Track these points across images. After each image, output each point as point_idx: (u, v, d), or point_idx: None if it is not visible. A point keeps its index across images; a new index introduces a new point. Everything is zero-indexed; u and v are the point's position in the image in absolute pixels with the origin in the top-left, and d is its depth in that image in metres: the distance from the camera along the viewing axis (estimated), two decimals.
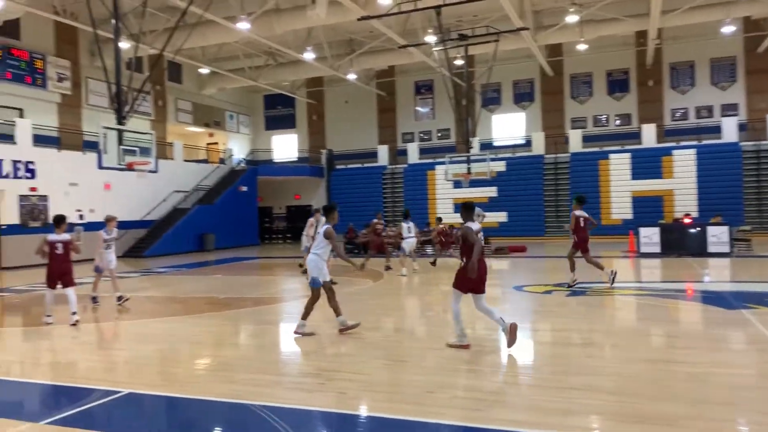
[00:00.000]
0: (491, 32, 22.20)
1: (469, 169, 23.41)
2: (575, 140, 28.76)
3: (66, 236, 9.46)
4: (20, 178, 20.78)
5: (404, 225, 15.28)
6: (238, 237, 28.51)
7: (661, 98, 29.54)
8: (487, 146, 29.81)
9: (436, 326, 8.67)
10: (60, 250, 9.29)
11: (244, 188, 30.07)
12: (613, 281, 11.21)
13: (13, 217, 20.60)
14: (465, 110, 24.35)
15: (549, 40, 26.32)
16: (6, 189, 20.31)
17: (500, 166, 28.11)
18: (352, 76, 29.93)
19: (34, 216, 21.23)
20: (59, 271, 9.32)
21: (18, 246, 20.53)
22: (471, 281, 6.76)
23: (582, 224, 11.77)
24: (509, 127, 32.10)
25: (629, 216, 26.33)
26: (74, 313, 9.31)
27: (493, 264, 17.67)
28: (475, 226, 7.04)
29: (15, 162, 20.61)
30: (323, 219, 8.32)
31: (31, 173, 21.14)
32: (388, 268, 15.84)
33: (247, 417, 4.89)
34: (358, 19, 20.27)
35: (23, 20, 22.84)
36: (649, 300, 10.27)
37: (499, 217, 27.84)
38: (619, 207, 26.90)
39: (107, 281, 11.55)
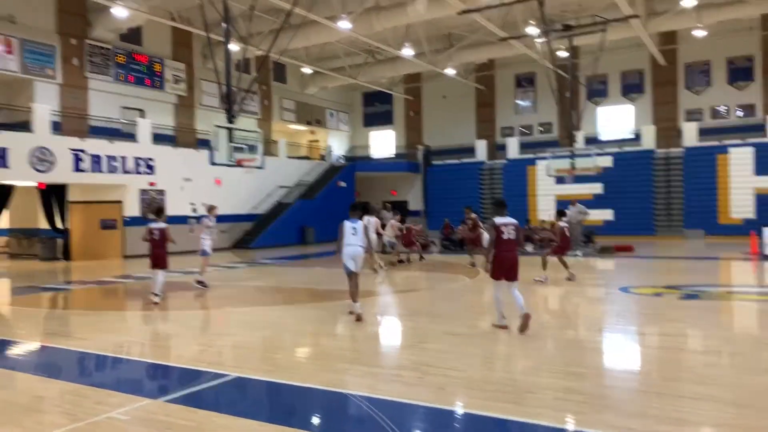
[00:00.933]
0: (598, 21, 21.22)
1: (572, 164, 22.52)
2: (690, 134, 26.88)
3: (162, 225, 10.80)
4: (141, 173, 22.47)
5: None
6: (337, 231, 29.17)
7: None
8: (592, 141, 28.57)
9: (535, 325, 8.42)
10: (157, 237, 10.66)
11: (343, 184, 30.75)
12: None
13: (134, 210, 22.32)
14: (569, 103, 23.44)
15: (661, 28, 24.72)
16: (129, 184, 22.04)
17: (606, 162, 26.82)
18: (450, 71, 29.73)
19: (153, 209, 22.88)
20: (154, 255, 10.66)
21: (139, 236, 22.21)
22: (500, 270, 7.64)
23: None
24: (616, 120, 30.57)
25: (751, 215, 24.27)
26: (156, 295, 10.49)
27: (598, 264, 16.94)
28: (504, 220, 7.63)
29: (137, 159, 22.31)
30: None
31: (151, 169, 22.79)
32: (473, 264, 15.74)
33: (346, 406, 4.99)
34: (459, 13, 20.10)
35: (144, 27, 24.66)
36: None
37: (605, 214, 26.63)
38: (740, 205, 24.85)
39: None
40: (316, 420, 4.90)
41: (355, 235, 8.94)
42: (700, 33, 25.25)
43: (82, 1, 21.43)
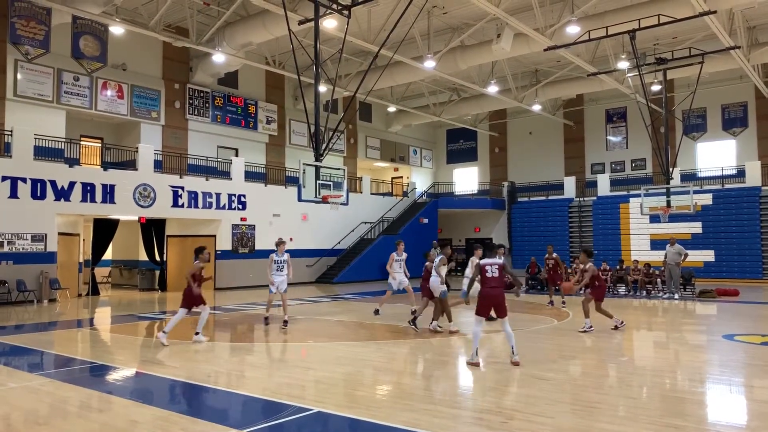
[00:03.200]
0: (695, 54, 20.35)
1: (668, 202, 21.39)
2: None
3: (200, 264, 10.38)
4: (233, 209, 23.53)
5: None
6: (417, 267, 29.10)
7: None
8: (689, 177, 27.11)
9: (627, 372, 7.93)
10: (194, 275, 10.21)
11: (425, 220, 30.75)
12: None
13: (226, 244, 23.32)
14: (664, 138, 22.43)
15: (766, 59, 23.34)
16: (222, 219, 23.11)
17: (706, 199, 25.33)
18: (537, 107, 29.37)
19: (244, 243, 23.82)
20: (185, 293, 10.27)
21: (230, 269, 23.16)
22: (483, 308, 8.22)
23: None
24: (716, 156, 28.88)
25: None
26: (197, 333, 10.40)
27: (698, 308, 15.84)
28: (488, 261, 8.22)
29: (230, 195, 23.41)
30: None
31: (243, 205, 23.83)
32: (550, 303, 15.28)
33: None
34: (545, 50, 19.92)
35: (240, 71, 26.17)
36: None
37: (705, 255, 25.00)
38: None
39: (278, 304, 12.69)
40: None
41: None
42: None
43: (186, 49, 23.09)
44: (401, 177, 36.39)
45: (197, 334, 10.49)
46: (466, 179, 37.22)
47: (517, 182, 33.77)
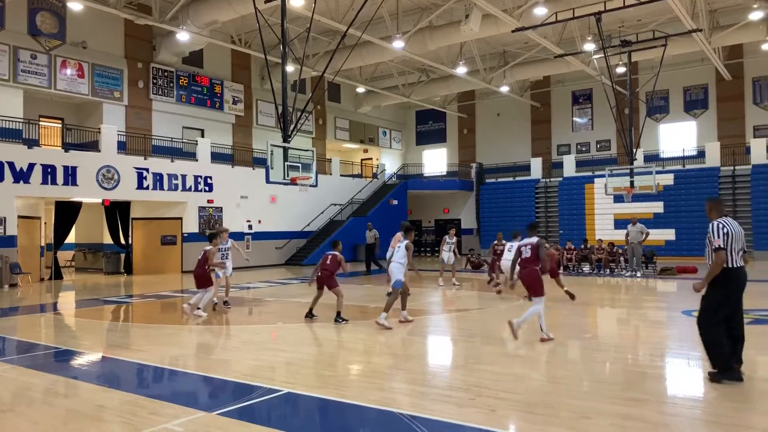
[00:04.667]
0: (658, 36, 20.69)
1: (632, 182, 21.88)
2: (758, 150, 25.68)
3: (208, 247, 11.57)
4: (200, 191, 23.19)
5: (508, 244, 13.90)
6: (387, 248, 29.23)
7: None
8: (652, 158, 27.71)
9: (591, 349, 8.15)
10: (200, 256, 11.55)
11: (395, 202, 30.84)
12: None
13: (193, 226, 23.02)
14: (628, 120, 22.85)
15: (726, 42, 23.88)
16: (188, 201, 22.78)
17: (668, 180, 25.96)
18: (504, 89, 29.54)
19: (211, 225, 23.54)
20: (195, 274, 11.54)
21: (196, 252, 22.86)
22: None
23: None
24: (678, 137, 29.57)
25: None
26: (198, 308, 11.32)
27: (659, 285, 16.30)
28: (527, 241, 8.61)
29: (196, 177, 23.05)
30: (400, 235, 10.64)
31: (209, 187, 23.50)
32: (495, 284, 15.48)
33: (395, 425, 4.93)
34: (513, 31, 20.01)
35: (205, 50, 25.63)
36: None
37: (666, 234, 25.69)
38: None
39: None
40: None
41: (397, 251, 10.22)
42: None
43: (149, 27, 22.51)
44: (371, 158, 36.32)
45: (199, 308, 11.35)
46: (436, 161, 37.35)
47: (485, 163, 34.03)
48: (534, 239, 8.55)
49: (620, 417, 5.02)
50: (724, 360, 5.98)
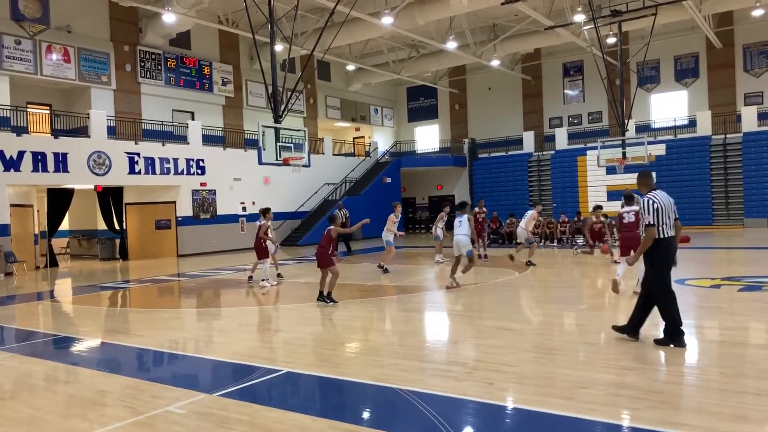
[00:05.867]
0: (648, 5, 20.55)
1: (624, 153, 21.93)
2: (749, 118, 25.74)
3: (260, 222, 12.99)
4: (192, 174, 23.10)
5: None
6: (383, 227, 29.31)
7: None
8: (644, 128, 27.73)
9: (587, 320, 8.25)
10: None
11: (388, 179, 30.82)
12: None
13: (187, 210, 22.98)
14: (619, 91, 22.81)
15: (717, 9, 23.74)
16: (181, 184, 22.69)
17: (659, 150, 26.02)
18: (495, 62, 29.36)
19: (205, 208, 23.51)
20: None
21: (191, 236, 22.91)
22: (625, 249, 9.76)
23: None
24: (670, 107, 29.55)
25: None
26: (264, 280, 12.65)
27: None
28: (626, 209, 9.85)
29: (188, 160, 22.94)
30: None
31: (202, 170, 23.40)
32: (484, 257, 15.87)
33: (395, 400, 5.01)
34: (502, 4, 19.85)
35: (193, 31, 25.30)
36: None
37: None
38: None
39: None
40: (365, 414, 4.94)
41: (460, 226, 10.92)
42: (758, 12, 24.14)
43: (134, 9, 22.17)
44: (363, 137, 36.18)
45: (264, 280, 12.69)
46: (428, 137, 37.25)
47: (478, 138, 33.98)
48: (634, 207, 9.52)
49: (615, 386, 5.11)
50: (677, 328, 6.25)
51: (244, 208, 24.80)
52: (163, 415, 4.87)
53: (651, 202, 6.30)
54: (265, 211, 13.26)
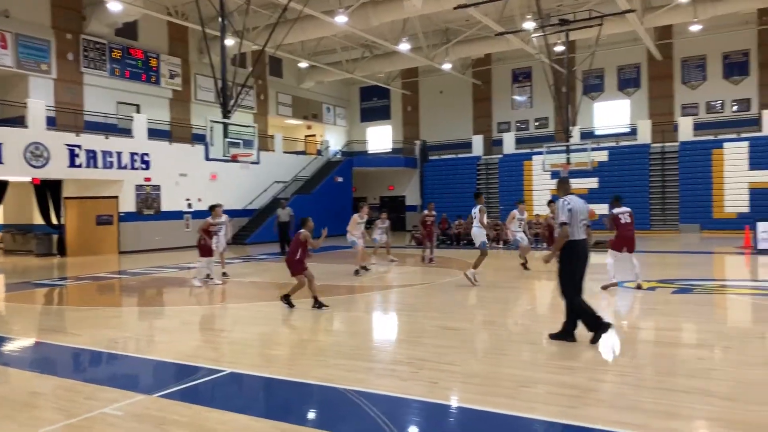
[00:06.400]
0: (594, 16, 21.22)
1: (568, 159, 22.57)
2: (686, 128, 26.95)
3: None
4: (136, 169, 22.41)
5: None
6: (334, 226, 29.13)
7: None
8: (588, 135, 28.59)
9: (532, 320, 8.45)
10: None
11: (340, 179, 30.74)
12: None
13: (130, 206, 22.28)
14: (565, 98, 23.47)
15: (658, 22, 24.76)
16: (124, 179, 21.99)
17: (602, 156, 26.90)
18: (447, 66, 29.70)
19: (148, 204, 22.85)
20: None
21: (134, 232, 22.24)
22: (618, 245, 10.77)
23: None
24: (612, 115, 30.61)
25: (745, 209, 24.40)
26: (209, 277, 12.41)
27: (593, 258, 16.95)
28: (622, 210, 10.90)
29: (132, 154, 22.24)
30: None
31: (146, 165, 22.73)
32: (430, 260, 15.88)
33: (340, 401, 5.01)
34: (455, 8, 20.09)
35: (140, 22, 24.57)
36: (767, 300, 9.47)
37: (601, 209, 26.60)
38: (734, 199, 24.98)
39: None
40: (309, 415, 4.91)
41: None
42: (695, 27, 25.29)
43: None
44: (314, 135, 35.95)
45: (194, 279, 12.56)
46: (380, 137, 37.35)
47: (429, 141, 34.30)
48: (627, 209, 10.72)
49: (556, 384, 5.26)
50: (595, 319, 6.57)
51: (189, 205, 24.24)
52: (99, 417, 4.71)
53: (566, 203, 6.66)
54: (211, 208, 12.92)
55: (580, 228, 6.67)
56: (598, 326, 6.55)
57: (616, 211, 10.57)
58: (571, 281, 6.66)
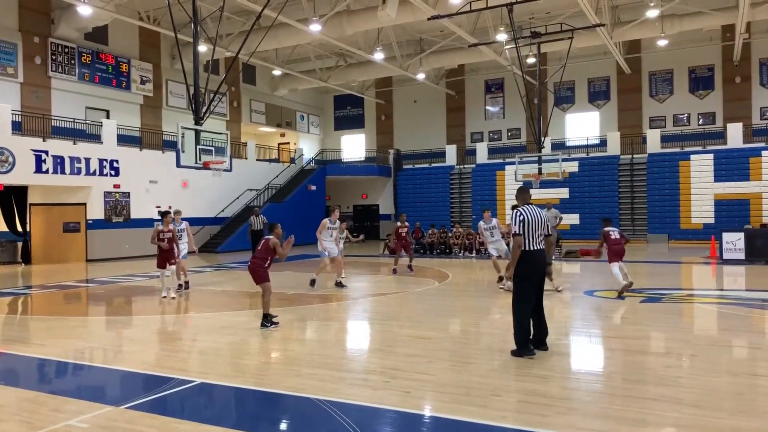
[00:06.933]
0: (565, 29, 21.60)
1: (540, 169, 22.86)
2: (653, 140, 27.57)
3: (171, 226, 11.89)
4: (105, 175, 22.01)
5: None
6: (307, 234, 29.02)
7: (749, 96, 27.88)
8: (559, 146, 29.06)
9: (502, 329, 8.50)
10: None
11: (313, 187, 30.64)
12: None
13: (98, 213, 21.85)
14: (537, 109, 23.81)
15: (626, 37, 25.36)
16: (93, 186, 21.57)
17: (573, 167, 27.33)
18: (421, 76, 29.91)
19: (118, 212, 22.44)
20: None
21: (102, 240, 21.80)
22: (614, 256, 11.33)
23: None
24: (583, 126, 31.17)
25: (711, 220, 25.02)
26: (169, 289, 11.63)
27: (564, 267, 17.20)
28: (612, 228, 11.58)
29: (101, 160, 21.85)
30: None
31: (116, 171, 22.34)
32: (409, 267, 15.84)
33: (312, 411, 4.96)
34: (429, 19, 20.23)
35: (111, 26, 24.21)
36: (732, 309, 9.70)
37: (572, 219, 27.08)
38: (700, 210, 25.59)
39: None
40: (281, 425, 4.85)
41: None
42: (663, 42, 25.94)
43: None
44: (288, 143, 35.79)
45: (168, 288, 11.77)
46: (354, 146, 37.36)
47: (403, 150, 34.45)
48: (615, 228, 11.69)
49: (527, 393, 5.29)
50: (523, 340, 6.53)
51: (160, 213, 23.85)
52: (64, 429, 4.59)
53: (518, 213, 6.62)
54: (162, 215, 12.24)
55: (537, 239, 6.57)
56: (523, 350, 6.47)
57: (606, 229, 11.43)
58: (521, 292, 6.59)
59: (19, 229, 21.04)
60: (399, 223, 16.06)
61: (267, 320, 8.53)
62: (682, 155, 26.55)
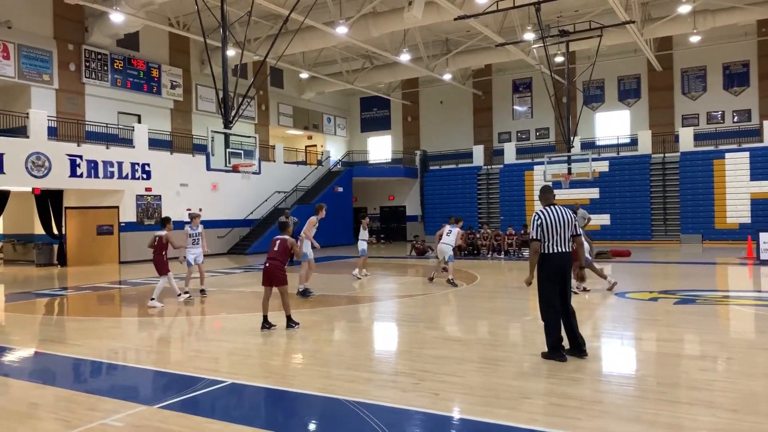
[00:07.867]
0: (594, 27, 21.32)
1: (569, 169, 22.57)
2: (686, 139, 26.98)
3: (162, 233, 11.20)
4: (137, 179, 22.44)
5: (447, 227, 13.63)
6: (334, 236, 29.17)
7: None
8: (588, 146, 28.65)
9: (532, 331, 8.41)
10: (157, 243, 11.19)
11: (340, 189, 30.75)
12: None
13: (130, 215, 22.29)
14: (566, 108, 23.52)
15: (657, 33, 24.86)
16: (125, 189, 22.02)
17: (603, 166, 26.91)
18: (447, 77, 29.81)
19: (149, 214, 22.86)
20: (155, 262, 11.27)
21: (134, 242, 22.22)
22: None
23: None
24: (613, 125, 30.67)
25: (747, 220, 24.38)
26: (152, 299, 11.04)
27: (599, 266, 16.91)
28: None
29: (133, 164, 22.29)
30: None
31: (147, 174, 22.76)
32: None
33: (341, 412, 4.97)
34: (455, 19, 20.16)
35: (141, 33, 24.70)
36: None
37: (602, 219, 26.68)
38: (736, 210, 24.95)
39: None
40: (311, 426, 4.88)
41: (448, 235, 13.16)
42: (695, 38, 25.39)
43: (80, 6, 21.47)
44: (315, 145, 36.03)
45: (153, 299, 11.11)
46: (380, 148, 37.41)
47: (429, 151, 34.37)
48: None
49: (558, 396, 5.22)
50: (554, 342, 6.43)
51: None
52: (99, 428, 4.68)
53: (536, 218, 6.49)
54: (163, 221, 11.59)
55: (561, 240, 6.39)
56: (553, 353, 6.40)
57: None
58: (543, 293, 6.51)
59: (55, 232, 21.58)
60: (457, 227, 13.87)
61: (291, 321, 8.64)
62: (717, 153, 25.93)
